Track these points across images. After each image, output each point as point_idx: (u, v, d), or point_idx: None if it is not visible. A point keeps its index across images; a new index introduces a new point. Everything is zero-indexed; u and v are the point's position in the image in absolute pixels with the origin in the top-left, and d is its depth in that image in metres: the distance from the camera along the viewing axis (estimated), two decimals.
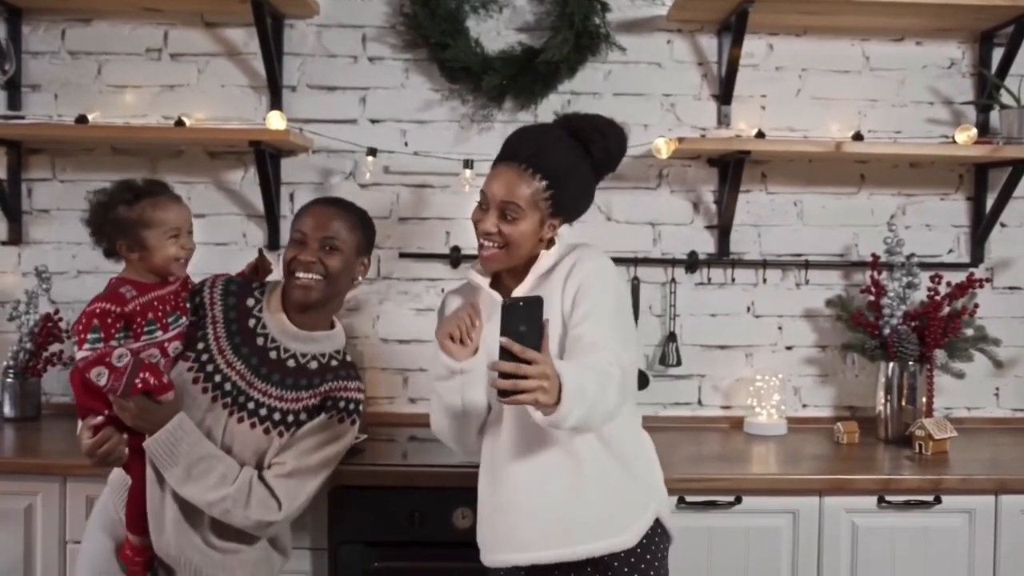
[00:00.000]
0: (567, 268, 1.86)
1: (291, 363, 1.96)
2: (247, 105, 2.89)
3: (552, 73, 2.81)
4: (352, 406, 1.97)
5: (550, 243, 1.91)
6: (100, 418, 1.87)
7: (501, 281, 1.94)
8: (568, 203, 1.88)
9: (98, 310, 1.82)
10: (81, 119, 2.72)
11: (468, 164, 2.79)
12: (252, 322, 1.98)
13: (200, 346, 1.95)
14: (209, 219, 2.87)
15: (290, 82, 2.89)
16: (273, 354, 1.96)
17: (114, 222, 1.88)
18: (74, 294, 2.89)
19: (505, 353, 1.53)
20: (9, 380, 2.73)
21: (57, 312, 2.82)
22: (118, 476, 2.00)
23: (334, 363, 2.00)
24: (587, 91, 2.91)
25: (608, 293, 1.83)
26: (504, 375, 1.51)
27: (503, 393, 1.52)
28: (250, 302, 2.01)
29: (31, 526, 2.31)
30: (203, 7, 2.84)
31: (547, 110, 2.90)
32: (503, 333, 1.54)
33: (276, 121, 2.68)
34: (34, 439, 2.58)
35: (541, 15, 2.90)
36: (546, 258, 1.88)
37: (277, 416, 1.92)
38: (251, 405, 1.92)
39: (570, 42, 2.77)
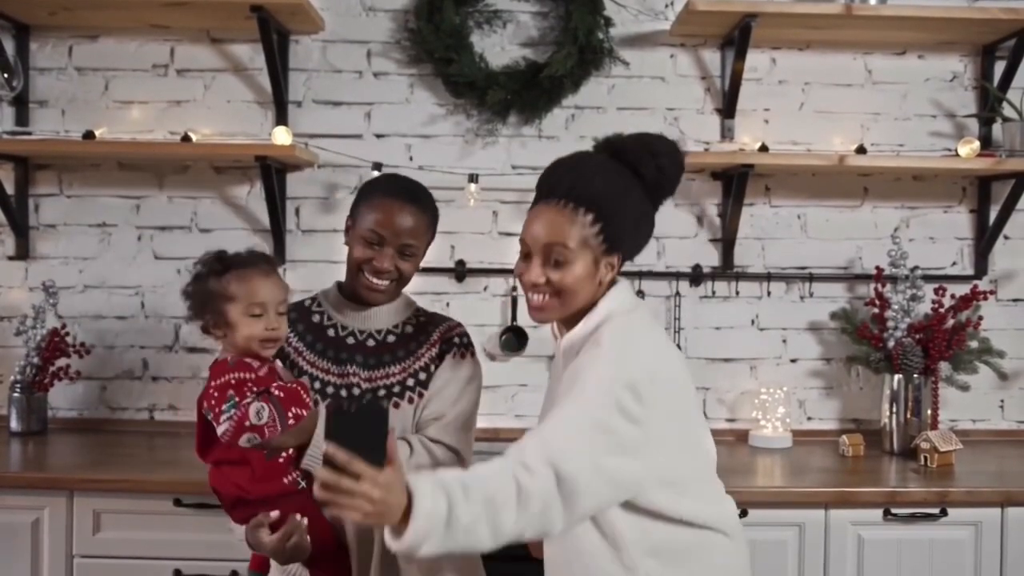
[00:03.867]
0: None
1: (371, 343, 1.86)
2: (253, 120, 2.91)
3: (556, 88, 2.83)
4: (466, 339, 1.90)
5: (610, 285, 1.66)
6: (276, 513, 1.69)
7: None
8: (623, 236, 1.64)
9: (233, 380, 1.62)
10: (88, 135, 2.75)
11: (473, 178, 2.81)
12: (328, 328, 1.88)
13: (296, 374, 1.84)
14: (215, 234, 2.89)
15: (295, 97, 2.91)
16: (351, 339, 1.86)
17: (201, 294, 1.72)
18: (81, 309, 2.90)
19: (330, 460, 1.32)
20: (16, 395, 2.73)
21: (64, 327, 2.82)
22: None
23: (422, 319, 1.92)
24: (591, 105, 2.93)
25: (592, 386, 1.50)
26: (325, 484, 1.30)
27: (322, 502, 1.33)
28: (315, 319, 1.90)
29: (38, 541, 2.31)
30: (209, 23, 2.86)
31: (551, 124, 2.92)
32: (327, 437, 1.33)
33: (282, 136, 2.69)
34: (41, 453, 2.58)
35: (545, 30, 2.92)
36: (583, 325, 1.63)
37: (397, 388, 1.83)
38: (356, 392, 1.82)
39: (574, 57, 2.79)
